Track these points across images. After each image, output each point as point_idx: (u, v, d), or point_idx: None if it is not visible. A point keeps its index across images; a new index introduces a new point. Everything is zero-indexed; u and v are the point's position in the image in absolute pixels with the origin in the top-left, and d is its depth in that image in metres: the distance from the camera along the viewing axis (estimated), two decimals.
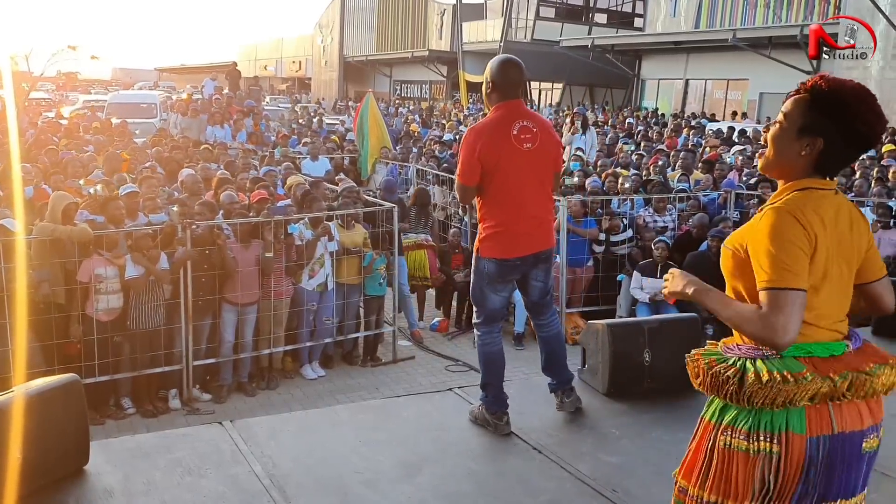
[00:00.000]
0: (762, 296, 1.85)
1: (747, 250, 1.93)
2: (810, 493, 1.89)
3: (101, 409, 6.03)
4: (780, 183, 2.03)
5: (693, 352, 2.08)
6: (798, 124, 1.95)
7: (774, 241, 1.85)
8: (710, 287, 2.00)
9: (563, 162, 5.50)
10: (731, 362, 1.96)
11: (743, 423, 1.92)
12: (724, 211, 8.75)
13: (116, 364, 6.06)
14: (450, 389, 4.53)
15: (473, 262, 3.84)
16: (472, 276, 3.88)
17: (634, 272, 7.85)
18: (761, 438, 1.89)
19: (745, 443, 1.91)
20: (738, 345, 2.00)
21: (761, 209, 1.99)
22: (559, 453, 3.66)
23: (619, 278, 8.24)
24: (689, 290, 2.02)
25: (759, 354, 1.93)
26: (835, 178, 2.03)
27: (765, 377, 1.86)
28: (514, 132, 3.60)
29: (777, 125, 2.01)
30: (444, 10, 39.70)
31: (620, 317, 7.82)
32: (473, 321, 3.99)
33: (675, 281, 2.08)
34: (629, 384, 4.29)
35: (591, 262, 8.42)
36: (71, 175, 8.48)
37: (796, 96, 1.99)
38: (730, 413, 1.95)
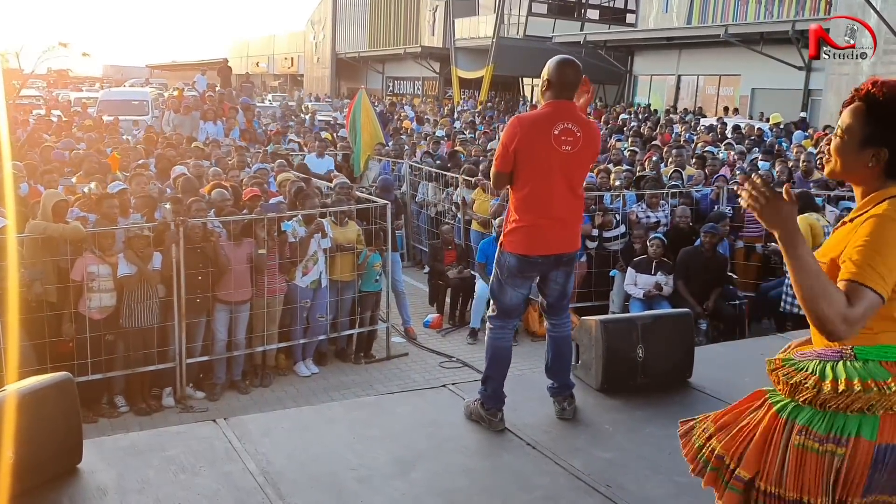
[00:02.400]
0: (842, 285, 1.79)
1: (837, 260, 1.87)
2: (874, 489, 1.85)
3: (95, 407, 6.02)
4: (856, 189, 1.99)
5: (775, 359, 2.02)
6: (859, 137, 1.92)
7: (872, 242, 1.81)
8: (804, 240, 1.83)
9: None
10: (809, 370, 1.92)
11: (818, 425, 1.89)
12: (716, 206, 8.77)
13: (109, 362, 6.04)
14: (443, 386, 4.53)
15: (496, 255, 3.84)
16: (494, 268, 3.87)
17: (629, 268, 7.86)
18: (831, 441, 1.87)
19: (818, 445, 1.88)
20: (815, 350, 1.97)
21: (843, 222, 1.97)
22: (553, 449, 3.67)
23: (611, 274, 8.26)
24: (784, 230, 1.82)
25: (839, 357, 1.89)
26: None
27: (841, 386, 1.83)
28: (556, 132, 3.60)
29: (838, 138, 1.98)
30: (437, 6, 39.60)
31: (613, 312, 7.84)
32: (488, 314, 3.98)
33: (770, 205, 1.84)
34: (622, 380, 4.31)
35: (583, 258, 8.43)
36: (68, 173, 8.47)
37: (852, 106, 1.95)
38: (804, 414, 1.92)
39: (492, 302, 3.95)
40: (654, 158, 11.03)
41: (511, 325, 3.95)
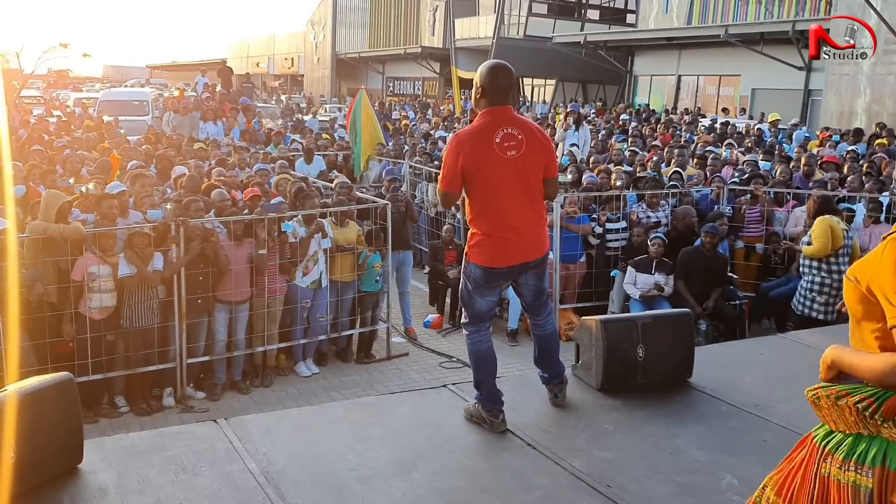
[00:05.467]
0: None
1: (869, 286, 1.77)
2: None
3: (95, 407, 6.02)
4: None
5: (818, 394, 1.88)
6: None
7: None
8: (844, 348, 1.84)
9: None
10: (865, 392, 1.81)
11: (840, 450, 1.80)
12: (716, 206, 8.77)
13: (110, 362, 6.05)
14: (444, 386, 4.53)
15: (463, 264, 3.84)
16: (461, 277, 3.87)
17: (628, 268, 7.86)
18: (853, 468, 1.77)
19: (839, 472, 1.79)
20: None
21: (884, 237, 1.84)
22: (553, 449, 3.67)
23: (612, 274, 8.25)
24: (829, 357, 1.87)
25: None
26: None
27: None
28: (497, 140, 3.55)
29: None
30: (437, 6, 39.61)
31: (613, 312, 7.83)
32: (462, 321, 3.99)
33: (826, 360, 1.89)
34: (623, 380, 4.30)
35: (584, 258, 8.44)
36: (69, 173, 8.48)
37: None
38: (833, 439, 1.83)
39: (463, 310, 3.94)
40: (655, 159, 11.03)
41: (486, 326, 3.93)
